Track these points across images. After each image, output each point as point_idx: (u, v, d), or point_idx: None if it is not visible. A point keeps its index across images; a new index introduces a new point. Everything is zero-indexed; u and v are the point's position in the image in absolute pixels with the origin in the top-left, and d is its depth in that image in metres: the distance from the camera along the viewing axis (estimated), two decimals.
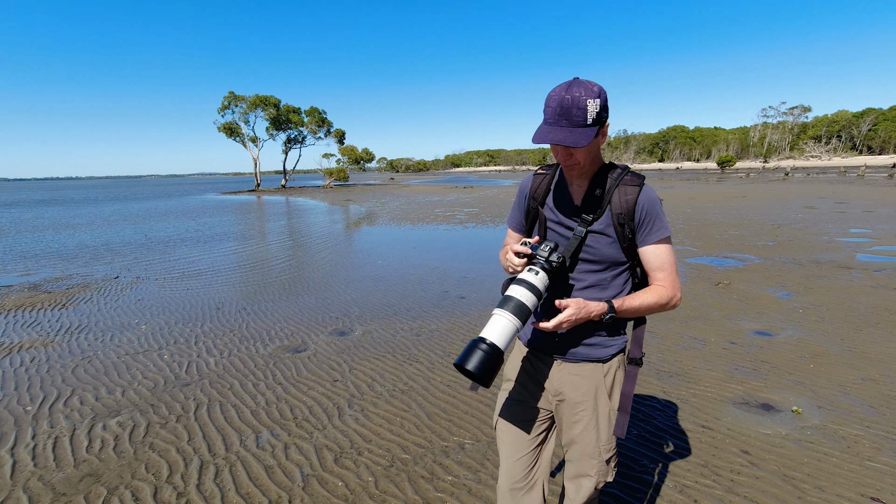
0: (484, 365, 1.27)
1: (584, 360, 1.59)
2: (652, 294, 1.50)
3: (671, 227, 1.78)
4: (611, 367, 1.59)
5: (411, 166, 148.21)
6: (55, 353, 4.68)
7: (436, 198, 27.78)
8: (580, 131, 1.34)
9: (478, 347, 1.29)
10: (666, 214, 1.53)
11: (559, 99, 1.34)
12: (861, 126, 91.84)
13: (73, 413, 3.48)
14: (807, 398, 3.38)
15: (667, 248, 1.51)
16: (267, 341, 4.91)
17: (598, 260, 1.52)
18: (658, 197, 1.50)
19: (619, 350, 1.61)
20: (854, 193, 21.38)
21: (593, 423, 1.58)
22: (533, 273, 1.39)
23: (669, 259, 1.51)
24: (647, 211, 1.46)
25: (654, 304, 1.49)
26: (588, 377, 1.59)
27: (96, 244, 12.43)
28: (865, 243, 9.31)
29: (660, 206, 1.49)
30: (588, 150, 1.43)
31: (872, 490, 2.43)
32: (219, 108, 47.93)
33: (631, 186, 1.48)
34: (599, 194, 1.49)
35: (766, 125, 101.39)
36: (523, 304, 1.35)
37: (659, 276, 1.51)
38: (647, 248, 1.50)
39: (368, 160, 67.78)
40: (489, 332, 1.33)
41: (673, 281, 1.51)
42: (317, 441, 3.06)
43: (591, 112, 1.34)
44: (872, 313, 5.14)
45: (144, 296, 6.86)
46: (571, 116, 1.33)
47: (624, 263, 1.55)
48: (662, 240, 1.49)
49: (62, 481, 2.69)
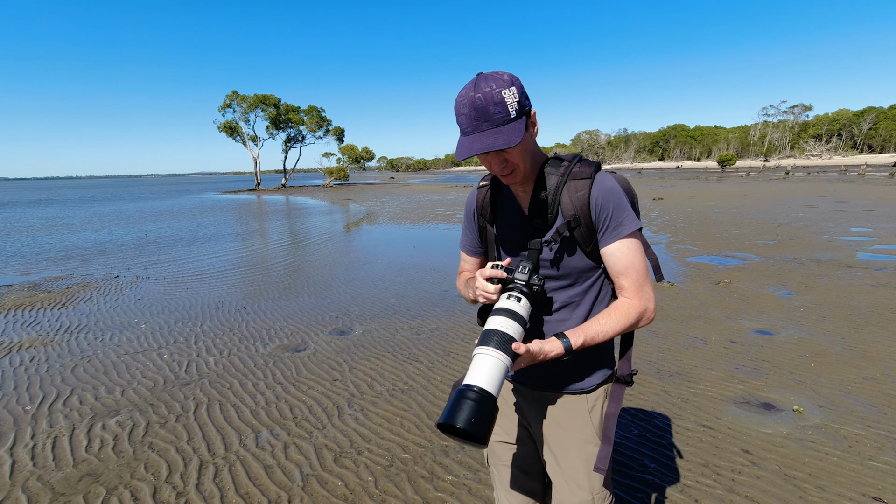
0: (476, 419, 1.00)
1: (565, 393, 1.38)
2: (614, 315, 1.24)
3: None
4: (597, 400, 1.38)
5: (411, 165, 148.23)
6: (55, 352, 4.68)
7: (436, 197, 27.76)
8: (507, 128, 1.11)
9: (465, 398, 1.02)
10: (644, 209, 1.29)
11: (470, 101, 1.11)
12: (862, 125, 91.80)
13: (73, 413, 3.47)
14: (808, 397, 3.37)
15: (629, 246, 1.23)
16: (266, 341, 4.90)
17: (563, 274, 1.31)
18: (618, 185, 1.25)
19: (605, 379, 1.39)
20: (855, 192, 21.36)
21: (576, 458, 1.36)
22: (514, 300, 1.17)
23: (634, 261, 1.24)
24: (602, 204, 1.22)
25: (617, 327, 1.23)
26: (570, 411, 1.38)
27: (95, 244, 12.43)
28: (866, 242, 9.30)
29: (620, 194, 1.23)
30: (522, 149, 1.19)
31: (874, 490, 2.42)
32: (220, 106, 48.00)
33: (581, 180, 1.24)
34: (545, 196, 1.26)
35: (767, 124, 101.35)
36: (510, 336, 1.11)
37: (623, 283, 1.25)
38: (607, 248, 1.25)
39: (368, 159, 67.78)
40: (475, 377, 1.06)
41: (639, 289, 1.24)
42: (316, 441, 3.05)
43: (511, 103, 1.12)
44: (873, 312, 5.13)
45: (144, 295, 6.86)
46: (490, 115, 1.11)
47: (594, 271, 1.33)
48: (624, 236, 1.23)
49: (61, 481, 2.69)
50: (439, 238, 11.92)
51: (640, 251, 1.25)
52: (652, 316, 1.27)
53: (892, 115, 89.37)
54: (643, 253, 1.26)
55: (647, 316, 1.26)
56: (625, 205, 1.24)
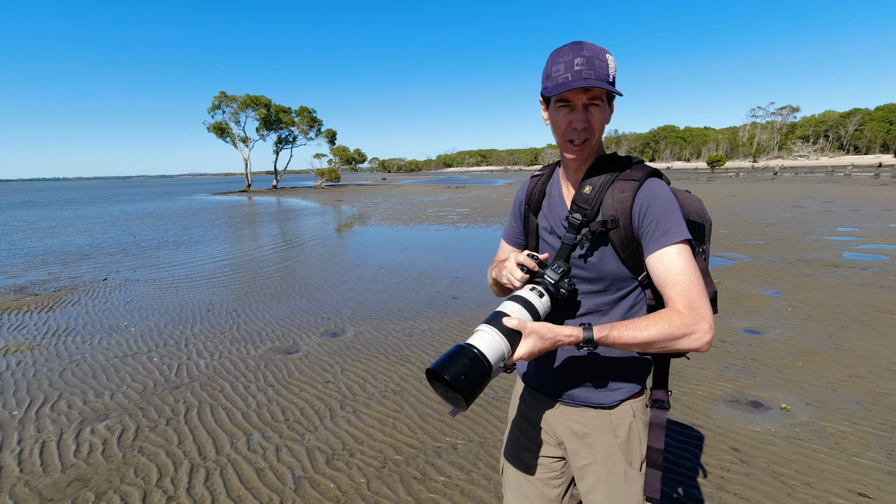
0: (466, 375, 0.97)
1: (585, 405, 1.27)
2: (654, 320, 1.06)
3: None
4: (623, 418, 1.25)
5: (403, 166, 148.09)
6: (42, 356, 4.62)
7: (428, 198, 27.76)
8: (607, 84, 1.09)
9: (461, 355, 1.00)
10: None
11: (575, 52, 1.09)
12: (848, 126, 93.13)
13: (61, 417, 3.43)
14: (796, 395, 3.41)
15: (680, 253, 1.09)
16: (258, 343, 4.87)
17: (595, 277, 1.21)
18: (668, 192, 1.15)
19: (631, 395, 1.26)
20: (841, 192, 21.65)
21: (603, 486, 1.26)
22: (536, 293, 1.12)
23: (685, 269, 1.08)
24: (646, 209, 1.12)
25: (654, 334, 1.04)
26: (591, 427, 1.27)
27: (81, 247, 12.28)
28: (852, 242, 9.43)
29: (670, 202, 1.13)
30: (602, 120, 1.15)
31: (860, 486, 2.46)
32: (209, 108, 47.64)
33: (628, 182, 1.16)
34: (590, 192, 1.19)
35: (755, 125, 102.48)
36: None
37: (671, 294, 1.08)
38: (653, 255, 1.12)
39: (360, 160, 67.64)
40: (478, 342, 1.03)
41: (690, 301, 1.05)
42: (308, 443, 3.04)
43: (612, 67, 1.11)
44: (859, 311, 5.21)
45: (133, 298, 6.79)
46: (595, 67, 1.08)
47: (629, 281, 1.22)
48: (673, 243, 1.10)
49: (49, 487, 2.66)
50: (431, 239, 11.92)
51: (691, 261, 1.09)
52: (706, 338, 1.03)
53: (877, 116, 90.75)
54: (695, 265, 1.09)
55: (699, 337, 1.03)
56: (674, 213, 1.12)
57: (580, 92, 1.11)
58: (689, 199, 1.27)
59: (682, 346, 1.05)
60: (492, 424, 3.19)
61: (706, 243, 1.27)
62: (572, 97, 1.12)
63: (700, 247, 1.23)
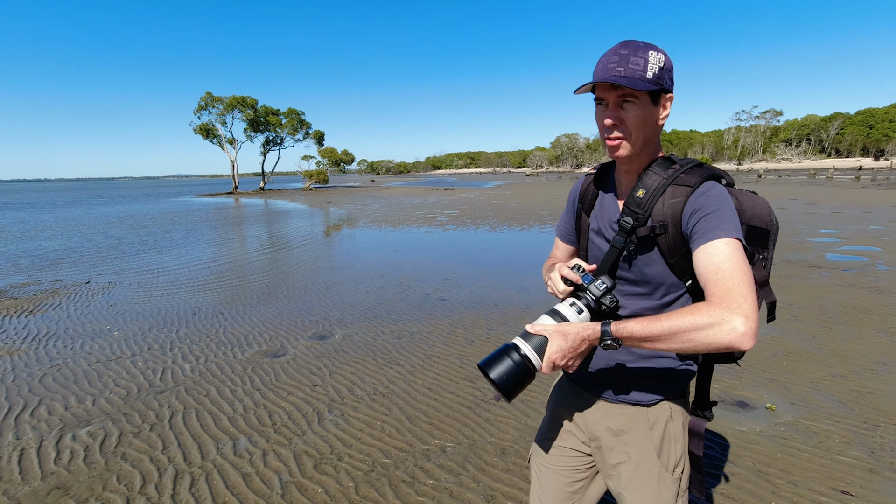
0: (510, 377, 1.07)
1: (623, 402, 1.26)
2: (681, 312, 0.99)
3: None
4: (659, 417, 1.24)
5: (392, 168, 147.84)
6: (21, 361, 4.52)
7: (416, 200, 27.73)
8: (636, 80, 1.06)
9: (508, 356, 1.09)
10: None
11: (614, 51, 1.10)
12: (829, 130, 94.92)
13: (41, 424, 3.35)
14: (780, 395, 3.46)
15: (724, 247, 1.01)
16: (245, 346, 4.82)
17: (639, 281, 1.20)
18: (725, 194, 1.10)
19: (672, 396, 1.25)
20: (823, 195, 22.06)
21: (636, 486, 1.24)
22: (575, 310, 1.13)
23: (728, 260, 0.99)
24: (698, 208, 1.07)
25: (680, 326, 0.96)
26: (627, 424, 1.26)
27: (64, 249, 12.06)
28: (834, 243, 9.61)
29: (725, 203, 1.07)
30: (642, 119, 1.11)
31: (843, 483, 2.50)
32: (195, 109, 47.13)
33: (682, 187, 1.11)
34: (643, 196, 1.15)
35: (740, 128, 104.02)
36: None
37: (709, 288, 1.00)
38: (698, 250, 1.05)
39: (348, 162, 67.39)
40: (524, 343, 1.10)
41: (726, 293, 0.95)
42: (296, 447, 3.01)
43: (653, 64, 1.07)
44: (841, 311, 5.30)
45: (117, 301, 6.68)
46: (628, 65, 1.06)
47: (676, 288, 1.19)
48: (719, 238, 1.02)
49: (28, 495, 2.59)
50: (420, 241, 11.90)
51: (737, 255, 1.00)
52: (740, 330, 0.90)
53: (857, 120, 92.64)
54: (743, 260, 1.00)
55: (732, 328, 0.91)
56: (727, 212, 1.06)
57: (610, 89, 1.10)
58: (753, 201, 1.20)
59: (712, 338, 0.93)
60: (480, 427, 3.18)
61: (769, 249, 1.20)
62: (604, 94, 1.11)
63: (761, 253, 1.19)
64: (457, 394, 3.66)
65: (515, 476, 2.66)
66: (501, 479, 2.64)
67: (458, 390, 3.72)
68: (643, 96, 1.10)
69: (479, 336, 4.92)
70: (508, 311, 5.74)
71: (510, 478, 2.65)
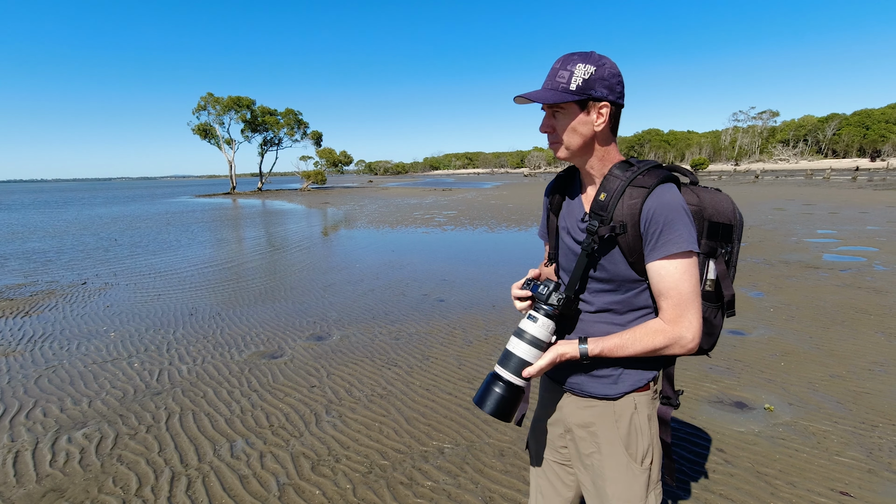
0: (502, 406, 1.22)
1: (591, 396, 1.32)
2: (640, 334, 1.18)
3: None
4: (625, 410, 1.29)
5: (390, 169, 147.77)
6: (17, 363, 4.49)
7: (414, 201, 27.72)
8: (556, 94, 1.16)
9: (494, 387, 1.23)
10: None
11: (556, 62, 1.20)
12: (826, 130, 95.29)
13: (36, 426, 3.33)
14: (778, 396, 3.46)
15: (676, 267, 1.14)
16: (242, 347, 4.80)
17: (608, 278, 1.26)
18: (678, 200, 1.16)
19: (635, 388, 1.29)
20: (820, 195, 22.13)
21: (606, 476, 1.31)
22: (531, 321, 1.23)
23: (678, 283, 1.14)
24: (652, 217, 1.15)
25: (640, 348, 1.18)
26: (595, 417, 1.32)
27: (60, 250, 12.01)
28: (831, 244, 9.63)
29: (677, 212, 1.15)
30: (571, 128, 1.20)
31: (841, 484, 2.50)
32: (194, 108, 47.04)
33: (639, 188, 1.18)
34: (605, 199, 1.22)
35: (737, 129, 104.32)
36: (523, 361, 1.21)
37: (662, 305, 1.18)
38: (651, 265, 1.18)
39: (346, 163, 67.28)
40: (503, 369, 1.24)
41: (678, 315, 1.15)
42: (293, 449, 2.99)
43: (577, 77, 1.15)
44: (839, 312, 5.31)
45: (113, 302, 6.65)
46: (554, 79, 1.17)
47: (639, 283, 1.26)
48: (671, 255, 1.14)
49: (23, 498, 2.57)
50: (418, 242, 11.89)
51: (688, 273, 1.14)
52: (690, 346, 1.16)
53: (854, 121, 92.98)
54: (693, 276, 1.15)
55: (682, 344, 1.16)
56: (680, 223, 1.14)
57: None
58: (716, 198, 1.28)
59: (669, 353, 1.19)
60: (479, 428, 3.17)
61: (733, 243, 1.29)
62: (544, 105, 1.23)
63: (724, 247, 1.27)
64: (455, 395, 3.65)
65: (514, 477, 2.65)
66: (500, 480, 2.63)
67: (457, 391, 3.71)
68: (569, 106, 1.19)
69: (477, 337, 4.91)
70: (506, 311, 5.73)
71: (508, 479, 2.64)
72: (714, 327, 1.31)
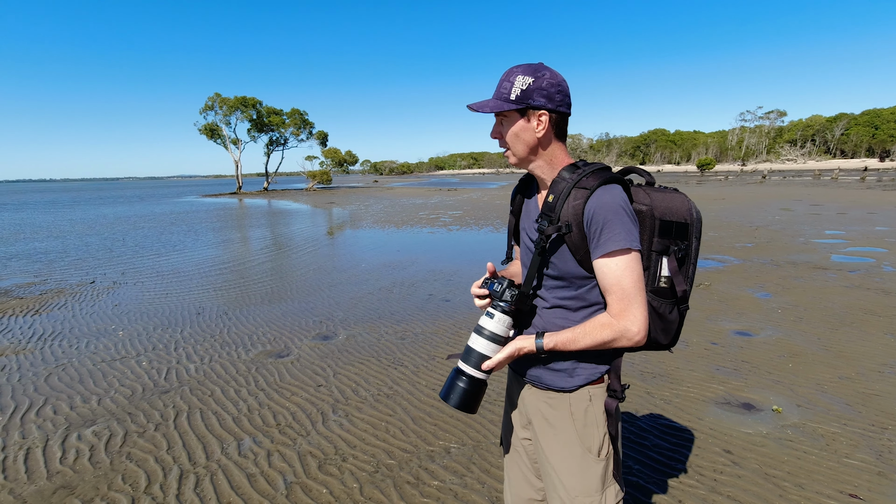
0: (465, 398, 1.30)
1: (549, 388, 1.38)
2: (588, 328, 1.24)
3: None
4: (580, 402, 1.35)
5: (395, 169, 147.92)
6: (27, 361, 4.54)
7: (420, 200, 27.75)
8: (498, 103, 1.26)
9: (457, 382, 1.31)
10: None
11: (500, 77, 1.30)
12: (834, 130, 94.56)
13: (46, 423, 3.37)
14: (786, 397, 3.44)
15: (617, 264, 1.20)
16: (249, 346, 4.83)
17: (559, 275, 1.32)
18: (619, 201, 1.21)
19: (590, 381, 1.34)
20: (828, 196, 21.95)
21: (561, 468, 1.36)
22: (489, 318, 1.29)
23: (620, 279, 1.20)
24: (592, 217, 1.21)
25: (589, 341, 1.23)
26: (553, 408, 1.38)
27: (69, 249, 12.12)
28: (839, 244, 9.55)
29: (616, 211, 1.20)
30: (515, 134, 1.28)
31: (850, 487, 2.48)
32: (201, 108, 47.28)
33: (582, 190, 1.24)
34: (552, 200, 1.28)
35: (744, 129, 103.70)
36: (483, 355, 1.28)
37: (608, 300, 1.24)
38: (595, 263, 1.24)
39: (352, 162, 67.42)
40: (465, 364, 1.31)
41: (623, 309, 1.21)
42: (300, 448, 3.01)
43: (516, 88, 1.24)
44: (847, 313, 5.27)
45: (122, 301, 6.70)
46: (499, 89, 1.27)
47: (588, 279, 1.31)
48: (611, 252, 1.20)
49: (34, 494, 2.60)
50: (423, 242, 11.90)
51: (629, 269, 1.20)
52: (636, 339, 1.22)
53: (862, 121, 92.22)
54: (634, 272, 1.21)
55: (629, 337, 1.22)
56: (618, 222, 1.19)
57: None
58: (669, 198, 1.33)
59: (618, 345, 1.24)
60: (485, 428, 3.17)
61: (689, 241, 1.33)
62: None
63: (679, 244, 1.31)
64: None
65: None
66: None
67: None
68: (511, 115, 1.28)
69: None
70: None
71: None
72: (669, 323, 1.35)
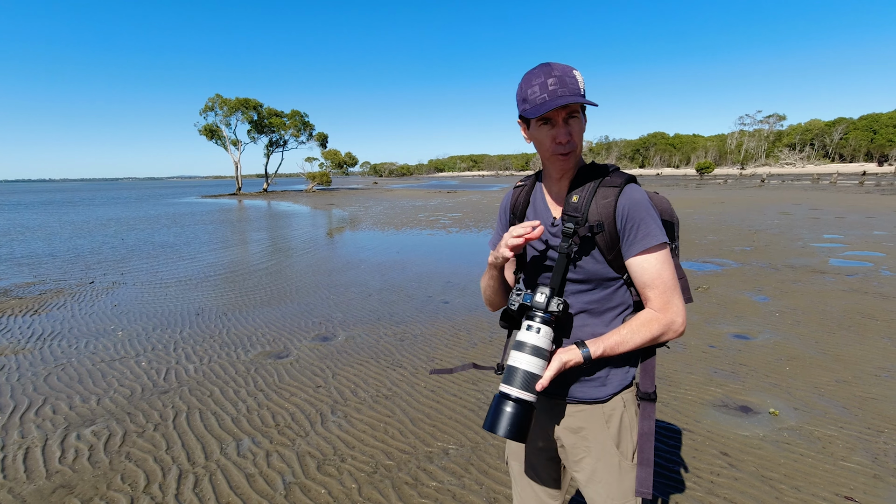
0: (515, 426, 1.14)
1: (580, 402, 1.33)
2: (636, 326, 1.23)
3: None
4: (614, 410, 1.32)
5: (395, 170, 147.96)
6: (26, 360, 4.54)
7: (419, 202, 27.76)
8: (581, 97, 1.18)
9: (504, 408, 1.16)
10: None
11: (546, 74, 1.18)
12: (833, 135, 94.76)
13: (45, 423, 3.37)
14: (783, 400, 3.45)
15: (657, 259, 1.22)
16: (248, 347, 4.83)
17: (585, 279, 1.29)
18: (645, 197, 1.25)
19: (623, 387, 1.33)
20: (827, 200, 22.00)
21: (599, 478, 1.33)
22: (534, 332, 1.18)
23: (661, 272, 1.21)
24: (628, 215, 1.21)
25: (639, 339, 1.22)
26: (585, 421, 1.33)
27: (68, 250, 12.11)
28: (838, 248, 9.58)
29: (647, 207, 1.23)
30: (582, 132, 1.25)
31: (846, 489, 2.49)
32: (201, 109, 47.29)
33: (610, 188, 1.24)
34: (577, 201, 1.26)
35: (743, 133, 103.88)
36: (532, 374, 1.16)
37: (649, 295, 1.24)
38: (632, 260, 1.24)
39: (352, 164, 67.47)
40: (510, 386, 1.16)
41: (666, 302, 1.22)
42: (299, 448, 3.02)
43: (581, 82, 1.20)
44: (845, 317, 5.29)
45: (121, 301, 6.70)
46: (568, 84, 1.17)
47: (615, 281, 1.30)
48: (650, 248, 1.21)
49: (33, 493, 2.61)
50: (423, 243, 11.92)
51: (668, 263, 1.23)
52: (680, 329, 1.24)
53: (861, 125, 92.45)
54: (671, 265, 1.24)
55: (675, 329, 1.23)
56: (650, 218, 1.22)
57: (559, 109, 1.18)
58: (659, 199, 1.37)
59: (664, 339, 1.25)
60: (483, 430, 3.18)
61: (676, 240, 1.39)
62: (553, 115, 1.20)
63: (672, 243, 1.34)
64: (460, 396, 3.67)
65: None
66: (504, 481, 2.64)
67: (461, 393, 3.73)
68: (581, 110, 1.24)
69: (481, 339, 4.92)
70: None
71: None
72: None
